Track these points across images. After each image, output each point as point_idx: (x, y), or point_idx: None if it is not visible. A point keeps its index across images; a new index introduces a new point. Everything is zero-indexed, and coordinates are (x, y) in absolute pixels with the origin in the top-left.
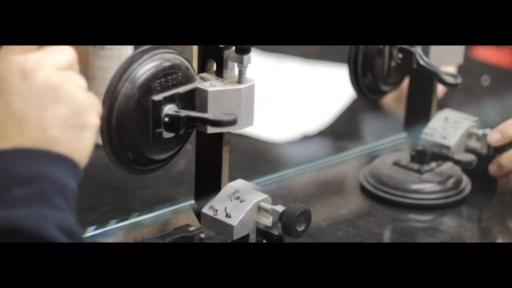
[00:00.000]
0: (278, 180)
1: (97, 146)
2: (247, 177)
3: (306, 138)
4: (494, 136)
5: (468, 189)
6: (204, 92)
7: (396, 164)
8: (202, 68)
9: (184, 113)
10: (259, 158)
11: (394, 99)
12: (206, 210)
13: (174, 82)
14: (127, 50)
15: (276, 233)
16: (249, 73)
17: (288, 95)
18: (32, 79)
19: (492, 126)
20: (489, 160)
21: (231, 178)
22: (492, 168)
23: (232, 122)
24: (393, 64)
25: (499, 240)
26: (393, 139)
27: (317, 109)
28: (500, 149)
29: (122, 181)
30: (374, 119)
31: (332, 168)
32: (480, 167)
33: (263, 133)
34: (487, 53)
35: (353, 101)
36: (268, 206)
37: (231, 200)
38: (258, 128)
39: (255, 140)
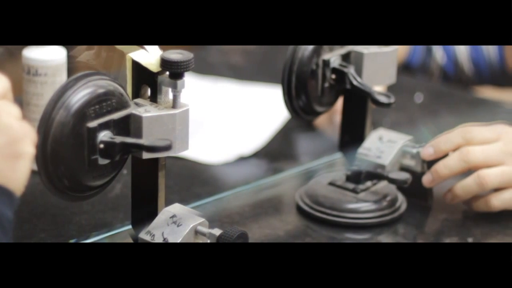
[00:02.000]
0: (215, 203)
1: (32, 172)
2: (184, 200)
3: (241, 159)
4: (427, 151)
5: (403, 207)
6: (139, 118)
7: (331, 184)
8: (137, 94)
9: (119, 139)
10: (195, 181)
11: (325, 119)
12: (143, 235)
13: (109, 109)
14: (61, 76)
15: None
16: (184, 97)
17: (223, 117)
18: None
19: (425, 144)
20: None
21: (168, 202)
22: (426, 177)
23: (167, 148)
24: (326, 85)
25: None
26: (328, 159)
27: (252, 130)
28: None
29: (59, 207)
30: (309, 139)
31: (269, 190)
32: (415, 185)
33: (199, 155)
34: None
35: (288, 121)
36: (205, 229)
37: (168, 225)
38: (194, 150)
39: (191, 162)
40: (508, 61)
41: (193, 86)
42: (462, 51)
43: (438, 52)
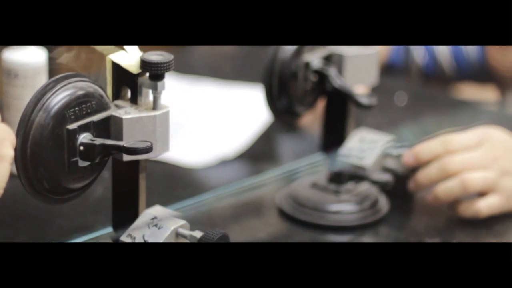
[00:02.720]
0: (197, 205)
1: (12, 176)
2: (165, 203)
3: (224, 162)
4: (408, 159)
5: (385, 208)
6: (119, 120)
7: (314, 185)
8: (117, 95)
9: (99, 141)
10: (177, 183)
11: (311, 118)
12: (124, 237)
13: (89, 111)
14: (41, 79)
15: None
16: (165, 98)
17: (205, 119)
18: None
19: (408, 144)
20: (405, 179)
21: (149, 204)
22: (411, 185)
23: (148, 150)
24: (308, 86)
25: None
26: (310, 161)
27: (234, 132)
28: (416, 168)
29: (39, 210)
30: (291, 141)
31: (251, 192)
32: (397, 187)
33: (180, 158)
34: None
35: (270, 123)
36: (186, 232)
37: (149, 227)
38: (176, 152)
39: (173, 165)
40: (489, 58)
41: (174, 87)
42: (442, 49)
43: (419, 50)
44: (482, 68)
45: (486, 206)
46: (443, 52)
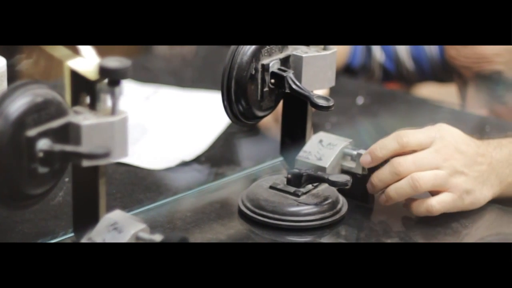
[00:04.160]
0: (157, 209)
1: None
2: (126, 207)
3: (183, 164)
4: (365, 159)
5: (345, 209)
6: (77, 126)
7: (272, 187)
8: (76, 101)
9: (58, 147)
10: (137, 187)
11: (271, 120)
12: (84, 242)
13: (48, 117)
14: (2, 86)
15: None
16: (123, 103)
17: (165, 123)
18: None
19: (366, 146)
20: (364, 180)
21: (110, 209)
22: (368, 187)
23: (105, 155)
24: (266, 89)
25: None
26: (271, 163)
27: (194, 135)
28: (374, 169)
29: (1, 215)
30: (252, 143)
31: (211, 194)
32: (356, 187)
33: (140, 161)
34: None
35: (229, 126)
36: (146, 235)
37: (109, 232)
38: (137, 156)
39: (133, 168)
40: (446, 53)
41: (134, 92)
42: (402, 49)
43: (377, 51)
44: (442, 64)
45: (437, 203)
46: (402, 51)
